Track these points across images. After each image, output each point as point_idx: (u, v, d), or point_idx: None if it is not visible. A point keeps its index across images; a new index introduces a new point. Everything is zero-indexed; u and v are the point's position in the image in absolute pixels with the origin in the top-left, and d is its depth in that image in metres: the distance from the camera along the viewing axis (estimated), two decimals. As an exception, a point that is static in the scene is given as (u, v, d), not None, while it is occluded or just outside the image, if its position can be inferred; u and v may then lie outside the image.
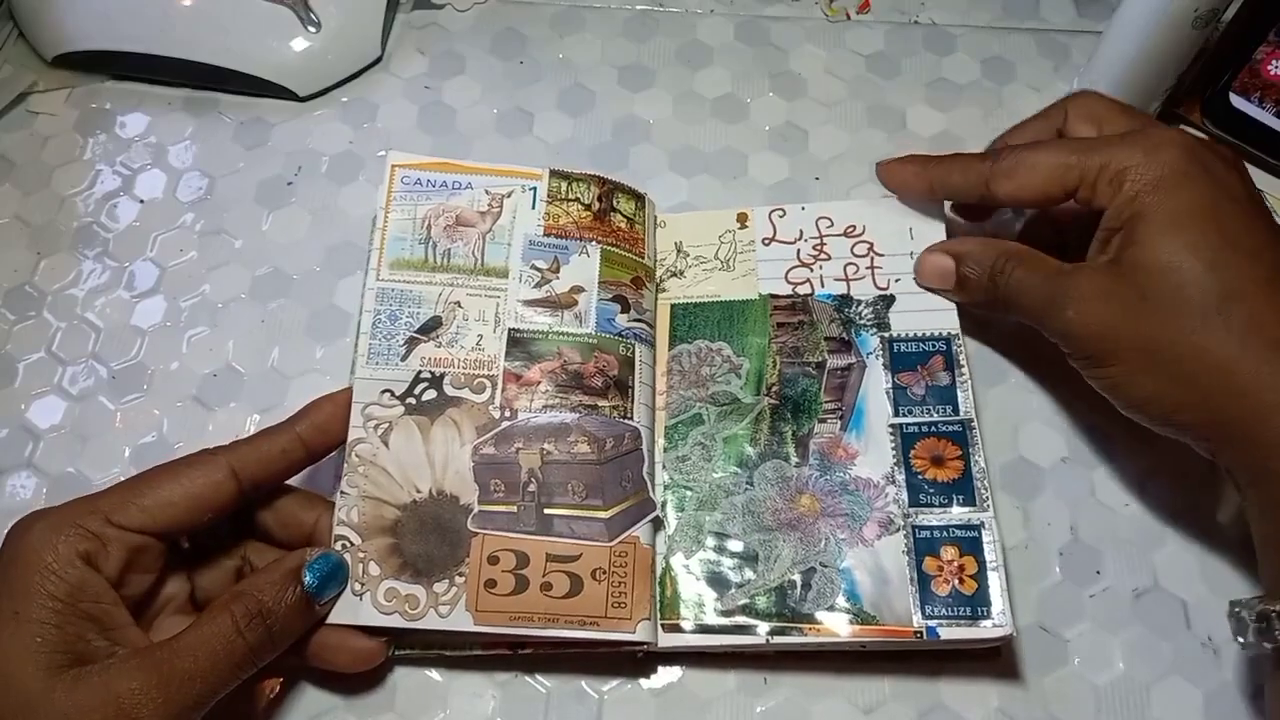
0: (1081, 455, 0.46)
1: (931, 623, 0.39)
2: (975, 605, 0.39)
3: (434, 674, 0.41)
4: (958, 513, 0.41)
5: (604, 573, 0.39)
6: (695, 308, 0.47)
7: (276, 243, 0.51)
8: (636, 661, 0.41)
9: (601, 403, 0.42)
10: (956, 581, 0.39)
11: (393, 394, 0.42)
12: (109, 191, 0.52)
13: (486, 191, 0.45)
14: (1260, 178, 0.52)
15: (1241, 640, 0.36)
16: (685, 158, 0.54)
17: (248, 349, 0.48)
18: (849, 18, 0.58)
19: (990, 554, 0.40)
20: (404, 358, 0.42)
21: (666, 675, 0.41)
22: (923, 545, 0.40)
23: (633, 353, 0.44)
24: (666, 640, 0.40)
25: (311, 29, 0.54)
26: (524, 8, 0.58)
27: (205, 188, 0.52)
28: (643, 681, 0.41)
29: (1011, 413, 0.46)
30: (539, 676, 0.41)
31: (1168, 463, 0.45)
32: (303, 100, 0.55)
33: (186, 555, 0.39)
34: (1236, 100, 0.51)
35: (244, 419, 0.46)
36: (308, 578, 0.37)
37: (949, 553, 0.40)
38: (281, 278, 0.50)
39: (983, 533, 0.40)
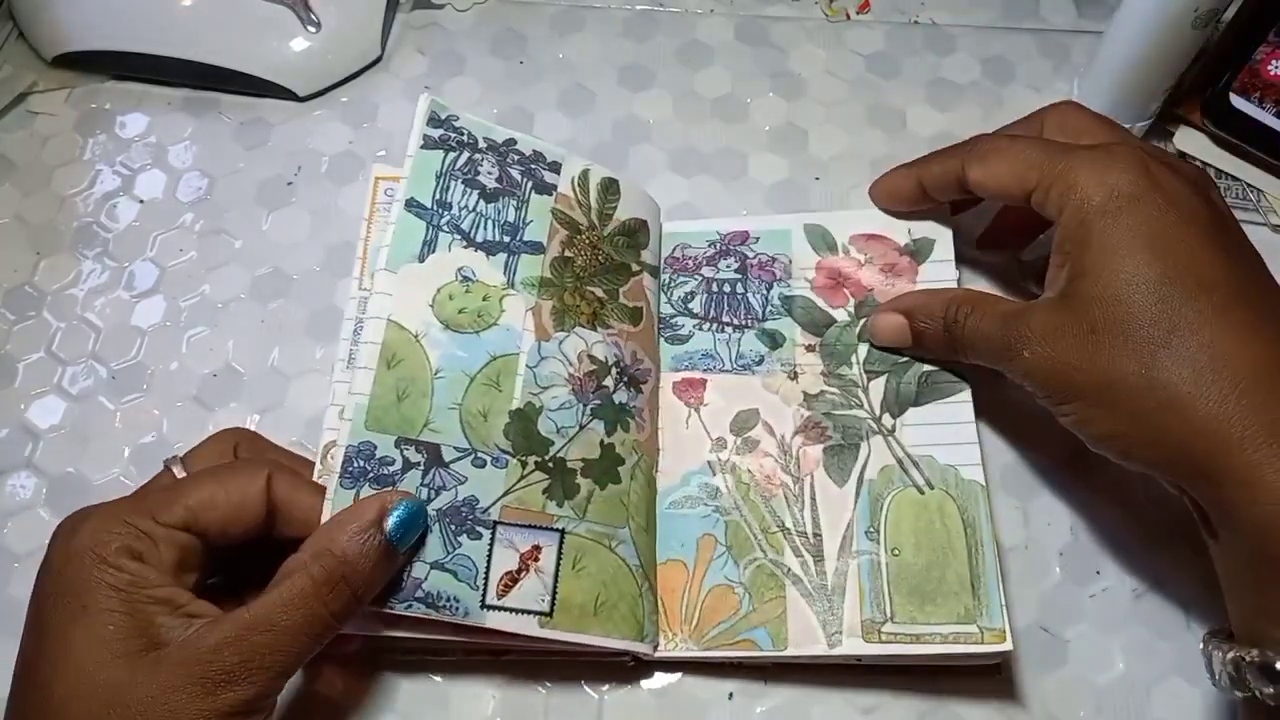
0: (1082, 455, 0.45)
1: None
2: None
3: (435, 677, 0.41)
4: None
5: None
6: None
7: (276, 243, 0.51)
8: (634, 665, 0.41)
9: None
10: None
11: None
12: (109, 191, 0.52)
13: None
14: (1261, 178, 0.52)
15: (1213, 682, 0.35)
16: (685, 158, 0.54)
17: (248, 349, 0.48)
18: (849, 18, 0.58)
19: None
20: None
21: (666, 678, 0.41)
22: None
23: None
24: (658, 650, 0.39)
25: (311, 29, 0.54)
26: (524, 8, 0.58)
27: (205, 188, 0.52)
28: (643, 683, 0.41)
29: (1011, 412, 0.46)
30: (539, 678, 0.41)
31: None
32: (303, 100, 0.55)
33: (233, 548, 0.37)
34: (1236, 100, 0.51)
35: (244, 419, 0.46)
36: (390, 524, 0.35)
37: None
38: (281, 278, 0.50)
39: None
